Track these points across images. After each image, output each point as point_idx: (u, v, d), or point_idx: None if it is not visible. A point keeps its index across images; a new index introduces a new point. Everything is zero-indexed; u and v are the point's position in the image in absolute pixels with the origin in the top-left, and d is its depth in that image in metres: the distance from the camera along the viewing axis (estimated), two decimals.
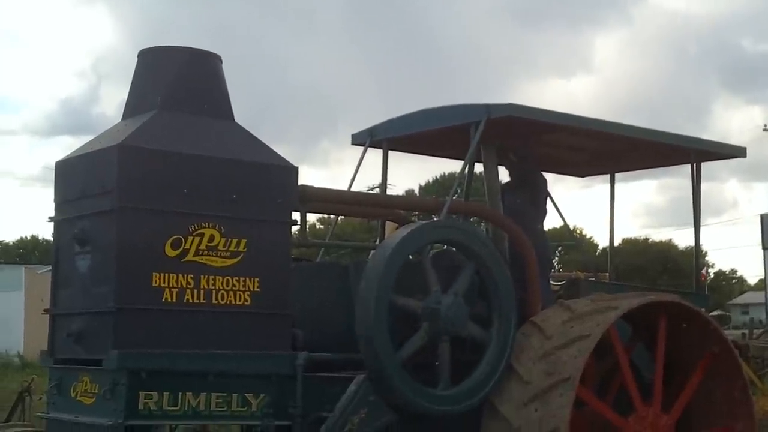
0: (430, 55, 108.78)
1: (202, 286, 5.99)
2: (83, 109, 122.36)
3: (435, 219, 7.09)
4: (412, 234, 6.53)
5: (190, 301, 5.94)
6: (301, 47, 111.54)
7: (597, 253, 49.47)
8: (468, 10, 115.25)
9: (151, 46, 6.63)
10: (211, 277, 6.02)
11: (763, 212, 58.11)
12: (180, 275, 5.92)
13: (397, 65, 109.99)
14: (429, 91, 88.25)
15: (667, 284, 44.76)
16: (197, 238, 5.99)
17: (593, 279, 9.07)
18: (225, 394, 6.03)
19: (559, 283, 8.77)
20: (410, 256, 6.75)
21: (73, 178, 6.35)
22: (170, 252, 5.90)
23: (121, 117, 6.62)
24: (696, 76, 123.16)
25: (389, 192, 9.09)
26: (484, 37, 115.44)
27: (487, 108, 7.16)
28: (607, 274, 9.74)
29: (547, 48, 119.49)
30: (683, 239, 76.84)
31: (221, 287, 6.06)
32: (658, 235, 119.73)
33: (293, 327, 6.38)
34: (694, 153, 8.48)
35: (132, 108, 6.52)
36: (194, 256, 5.98)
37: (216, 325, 6.04)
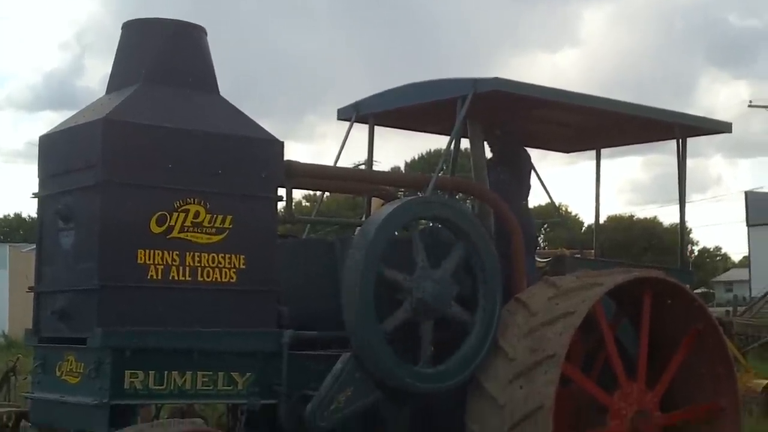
0: (416, 28, 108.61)
1: (187, 263, 5.95)
2: (67, 82, 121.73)
3: (421, 195, 7.07)
4: (398, 210, 6.51)
5: (176, 278, 5.90)
6: (286, 20, 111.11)
7: (582, 230, 49.67)
8: None
9: (135, 17, 6.55)
10: (196, 254, 5.98)
11: (747, 189, 58.46)
12: (165, 252, 5.87)
13: (383, 38, 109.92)
14: (415, 65, 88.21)
15: (651, 261, 44.95)
16: (182, 215, 5.94)
17: (579, 256, 9.07)
18: (211, 373, 6.00)
19: (545, 260, 8.77)
20: (396, 233, 6.73)
21: (56, 153, 6.29)
22: (155, 228, 5.86)
23: (105, 90, 6.56)
24: (682, 50, 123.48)
25: (375, 169, 9.05)
26: (472, 11, 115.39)
27: (474, 82, 7.13)
28: (593, 250, 9.75)
29: (535, 21, 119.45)
30: (668, 216, 77.09)
31: (207, 264, 6.02)
32: (643, 212, 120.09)
33: (279, 304, 6.36)
34: (679, 128, 8.47)
35: (116, 81, 6.44)
36: (179, 232, 5.93)
37: (202, 303, 6.00)
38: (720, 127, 8.84)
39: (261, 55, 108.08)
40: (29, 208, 77.64)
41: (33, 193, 6.45)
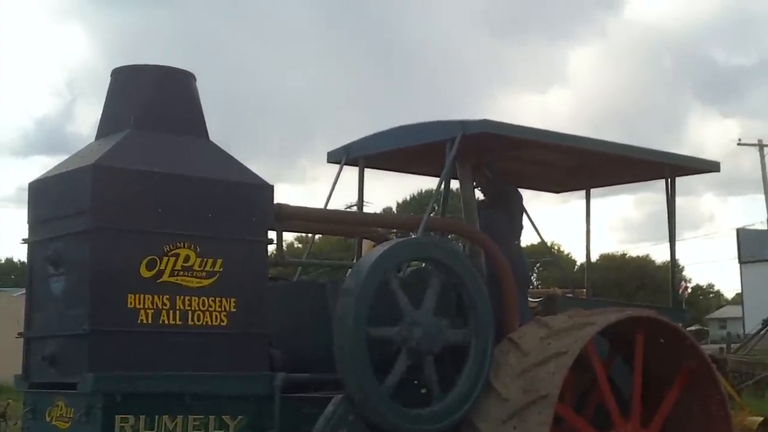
0: (406, 69, 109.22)
1: (177, 307, 5.94)
2: (58, 127, 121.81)
3: (412, 236, 7.08)
4: (389, 251, 6.51)
5: (166, 322, 5.90)
6: (277, 62, 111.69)
7: (575, 269, 49.65)
8: (444, 24, 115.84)
9: (126, 63, 6.60)
10: (186, 297, 5.98)
11: (738, 226, 58.59)
12: (155, 296, 5.87)
13: (373, 80, 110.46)
14: (405, 105, 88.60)
15: (644, 299, 44.97)
16: (173, 259, 5.95)
17: (570, 295, 9.07)
18: (202, 416, 5.98)
19: (537, 299, 8.77)
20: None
21: (46, 199, 6.31)
22: (145, 273, 5.86)
23: (95, 136, 6.58)
24: (671, 89, 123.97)
25: (366, 210, 9.08)
26: (461, 51, 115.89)
27: (462, 124, 7.18)
28: (585, 289, 9.76)
29: (523, 62, 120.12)
30: (660, 254, 77.10)
31: (197, 308, 6.02)
32: (635, 250, 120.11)
33: (270, 347, 6.35)
34: (668, 168, 8.52)
35: (106, 127, 6.48)
36: (170, 276, 5.94)
37: (192, 347, 5.99)
38: (708, 167, 8.90)
39: (251, 99, 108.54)
40: (20, 253, 77.37)
41: (23, 239, 6.46)
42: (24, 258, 6.62)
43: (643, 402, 7.23)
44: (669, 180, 8.65)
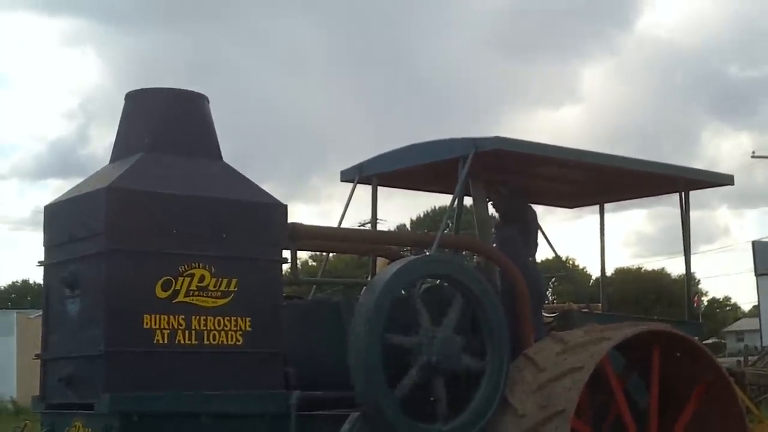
0: (418, 87, 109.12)
1: (193, 327, 5.98)
2: (72, 150, 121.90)
3: (426, 253, 7.09)
4: (403, 269, 6.52)
5: (182, 342, 5.93)
6: (289, 83, 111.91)
7: (590, 284, 49.53)
8: (455, 43, 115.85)
9: (139, 86, 6.67)
10: (202, 317, 6.02)
11: (754, 239, 58.37)
12: (171, 316, 5.91)
13: (385, 99, 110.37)
14: (418, 124, 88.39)
15: (660, 313, 44.78)
16: (188, 279, 5.99)
17: (586, 310, 9.06)
18: None
19: (552, 315, 8.76)
20: (402, 292, 6.74)
21: (62, 222, 6.35)
22: (161, 293, 5.90)
23: (109, 159, 6.63)
24: (684, 103, 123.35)
25: (380, 227, 9.09)
26: (472, 70, 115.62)
27: (475, 142, 7.19)
28: (600, 304, 9.73)
29: (535, 79, 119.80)
30: (676, 267, 76.84)
31: (213, 327, 6.05)
32: (650, 264, 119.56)
33: (286, 365, 6.36)
34: (681, 182, 8.51)
35: (120, 150, 6.54)
36: (185, 296, 5.97)
37: (208, 366, 6.02)
38: (722, 180, 8.88)
39: (264, 119, 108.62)
40: (36, 275, 77.64)
41: (39, 262, 6.50)
42: (40, 280, 6.66)
43: (661, 416, 7.21)
44: (683, 194, 8.64)
